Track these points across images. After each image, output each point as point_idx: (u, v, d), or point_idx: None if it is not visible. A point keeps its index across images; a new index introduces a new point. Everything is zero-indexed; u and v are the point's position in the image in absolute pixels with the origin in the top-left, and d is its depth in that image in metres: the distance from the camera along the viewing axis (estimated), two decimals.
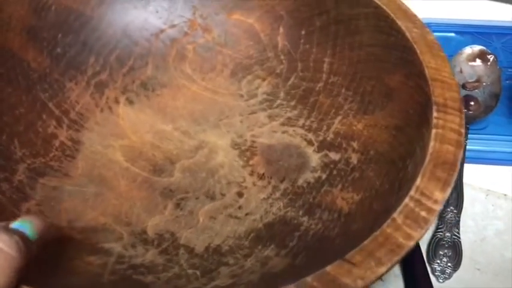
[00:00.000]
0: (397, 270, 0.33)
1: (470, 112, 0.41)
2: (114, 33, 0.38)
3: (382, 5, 0.33)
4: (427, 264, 0.33)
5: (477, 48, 0.44)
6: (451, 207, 0.34)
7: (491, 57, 0.44)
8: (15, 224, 0.22)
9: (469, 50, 0.44)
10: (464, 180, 0.36)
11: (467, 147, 0.38)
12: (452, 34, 0.51)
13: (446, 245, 0.32)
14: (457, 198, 0.34)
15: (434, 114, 0.27)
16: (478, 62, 0.44)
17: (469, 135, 0.40)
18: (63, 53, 0.37)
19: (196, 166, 0.34)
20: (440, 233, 0.33)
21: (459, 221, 0.33)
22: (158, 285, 0.26)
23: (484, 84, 0.43)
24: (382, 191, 0.27)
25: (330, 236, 0.26)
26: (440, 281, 0.32)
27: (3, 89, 0.33)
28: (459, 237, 0.32)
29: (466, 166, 0.38)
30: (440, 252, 0.32)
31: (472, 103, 0.41)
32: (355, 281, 0.20)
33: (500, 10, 0.53)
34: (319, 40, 0.37)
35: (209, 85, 0.38)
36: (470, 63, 0.44)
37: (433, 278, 0.32)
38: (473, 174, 0.38)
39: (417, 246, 0.33)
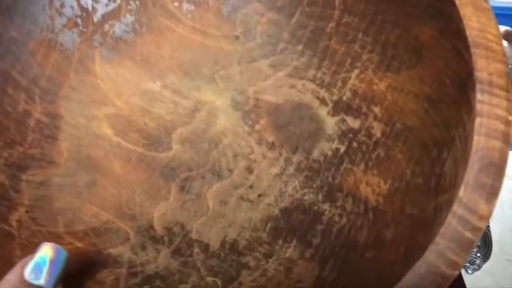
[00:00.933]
0: None
1: None
2: None
3: None
4: None
5: (503, 28, 0.41)
6: None
7: None
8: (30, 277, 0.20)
9: None
10: None
11: None
12: None
13: None
14: None
15: (478, 96, 0.23)
16: (504, 43, 0.39)
17: None
18: (13, 2, 0.29)
19: (196, 135, 0.30)
20: None
21: None
22: None
23: (510, 66, 0.38)
24: (414, 186, 0.24)
25: (359, 243, 0.24)
26: (469, 272, 0.31)
27: None
28: (489, 227, 0.31)
29: None
30: None
31: None
32: None
33: None
34: None
35: (197, 25, 0.32)
36: None
37: (462, 270, 0.31)
38: None
39: None
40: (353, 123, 0.28)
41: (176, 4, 0.32)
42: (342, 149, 0.28)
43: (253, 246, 0.26)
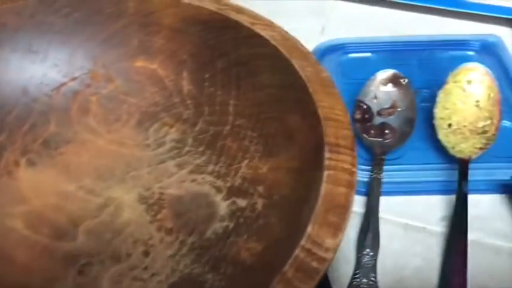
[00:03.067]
0: None
1: (386, 141, 0.39)
2: (11, 92, 0.37)
3: (277, 45, 0.33)
4: None
5: (390, 72, 0.42)
6: (367, 250, 0.32)
7: (404, 81, 0.42)
8: None
9: (381, 75, 0.42)
10: (381, 215, 0.34)
11: (384, 179, 0.36)
12: (369, 54, 0.48)
13: None
14: (373, 239, 0.33)
15: (327, 155, 0.26)
16: (391, 86, 0.41)
17: (385, 167, 0.37)
18: None
19: (102, 226, 0.32)
20: (357, 280, 0.31)
21: (376, 264, 0.32)
22: None
23: (399, 109, 0.40)
24: (281, 239, 0.26)
25: None
26: None
27: None
28: (376, 283, 0.31)
29: (383, 199, 0.35)
30: None
31: (387, 131, 0.39)
32: None
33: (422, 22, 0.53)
34: (223, 82, 0.36)
35: (115, 137, 0.37)
36: (384, 89, 0.42)
37: None
38: (390, 208, 0.36)
39: None
40: (241, 203, 0.31)
41: (98, 121, 0.37)
42: (231, 225, 0.30)
43: None
